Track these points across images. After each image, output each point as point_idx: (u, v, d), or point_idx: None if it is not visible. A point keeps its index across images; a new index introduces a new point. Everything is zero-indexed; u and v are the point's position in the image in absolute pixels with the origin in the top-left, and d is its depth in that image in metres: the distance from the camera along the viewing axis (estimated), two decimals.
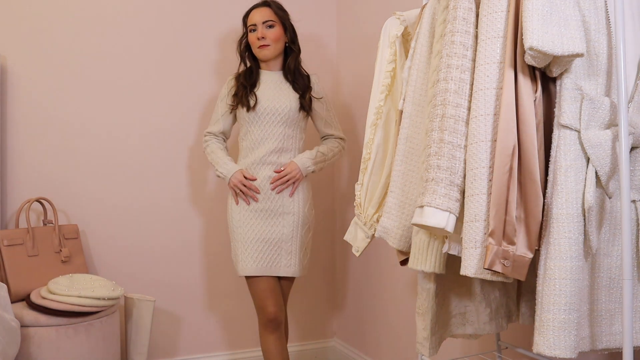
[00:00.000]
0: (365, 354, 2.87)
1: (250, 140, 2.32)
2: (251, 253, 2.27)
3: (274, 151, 2.30)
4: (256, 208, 2.29)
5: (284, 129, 2.31)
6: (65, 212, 2.63)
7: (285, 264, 2.30)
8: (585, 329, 1.28)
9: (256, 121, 2.30)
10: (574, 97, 1.26)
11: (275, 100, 2.30)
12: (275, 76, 2.38)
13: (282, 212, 2.31)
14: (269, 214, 2.29)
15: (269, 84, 2.35)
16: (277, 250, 2.29)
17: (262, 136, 2.30)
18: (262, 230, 2.29)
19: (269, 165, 2.30)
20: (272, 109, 2.29)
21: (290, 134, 2.33)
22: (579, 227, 1.22)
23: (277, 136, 2.30)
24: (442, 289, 1.60)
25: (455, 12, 1.33)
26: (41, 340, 2.13)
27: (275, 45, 2.33)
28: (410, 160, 1.56)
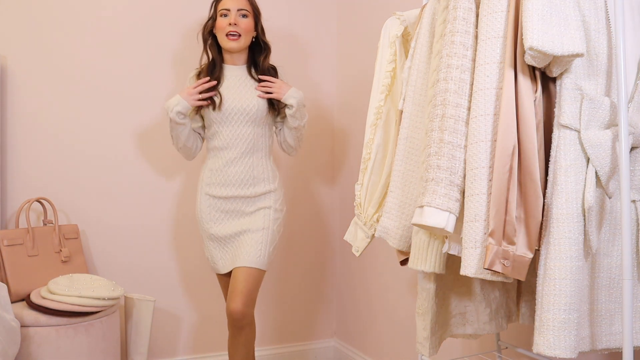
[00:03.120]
0: (365, 354, 2.87)
1: (219, 140, 2.23)
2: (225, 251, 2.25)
3: (245, 152, 2.22)
4: (226, 209, 2.24)
5: (253, 129, 2.22)
6: (65, 212, 2.63)
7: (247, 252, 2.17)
8: (585, 329, 1.28)
9: (224, 121, 2.21)
10: (574, 97, 1.26)
11: (243, 100, 2.21)
12: (239, 71, 2.27)
13: (252, 210, 2.24)
14: (240, 214, 2.24)
15: (234, 80, 2.24)
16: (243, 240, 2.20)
17: (232, 137, 2.21)
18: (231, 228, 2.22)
19: (241, 167, 2.22)
20: (240, 109, 2.19)
21: (261, 133, 2.25)
22: (579, 227, 1.22)
23: (248, 136, 2.22)
24: (442, 289, 1.60)
25: (455, 12, 1.33)
26: (41, 340, 2.13)
27: (245, 37, 2.22)
28: (410, 160, 1.56)
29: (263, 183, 2.25)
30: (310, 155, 3.10)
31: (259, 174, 2.25)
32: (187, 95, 2.17)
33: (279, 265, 3.02)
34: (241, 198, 2.23)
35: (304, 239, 3.09)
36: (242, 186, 2.23)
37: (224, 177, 2.23)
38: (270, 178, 2.28)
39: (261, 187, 2.25)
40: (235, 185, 2.22)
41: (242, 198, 2.23)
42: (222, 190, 2.24)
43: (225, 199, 2.24)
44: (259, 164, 2.25)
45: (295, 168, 3.06)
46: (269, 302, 3.00)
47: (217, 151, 2.24)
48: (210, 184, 2.25)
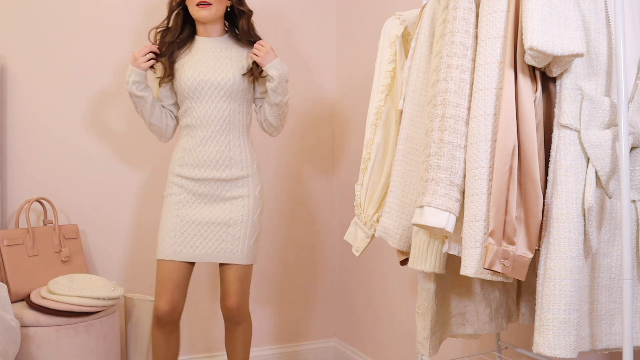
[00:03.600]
0: (365, 354, 2.87)
1: (192, 118, 2.07)
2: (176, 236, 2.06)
3: (221, 130, 2.07)
4: (200, 192, 2.08)
5: (229, 105, 2.07)
6: (65, 212, 2.63)
7: (231, 250, 2.08)
8: (585, 329, 1.28)
9: (197, 96, 2.05)
10: (574, 97, 1.26)
11: (217, 73, 2.06)
12: (214, 43, 2.12)
13: (229, 197, 2.09)
14: (214, 199, 2.08)
15: (208, 52, 2.10)
16: (220, 235, 2.08)
17: (206, 113, 2.06)
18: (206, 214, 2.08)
19: (216, 146, 2.07)
20: (214, 83, 2.04)
21: (237, 110, 2.10)
22: (579, 227, 1.22)
23: (223, 113, 2.06)
24: (442, 289, 1.60)
25: (455, 12, 1.33)
26: (41, 340, 2.13)
27: (217, 5, 2.06)
28: (410, 160, 1.56)
29: (240, 165, 2.11)
30: (310, 154, 3.10)
31: (236, 154, 2.10)
32: (134, 61, 2.03)
33: (279, 265, 3.02)
34: (216, 181, 2.08)
35: (304, 238, 3.09)
36: (218, 168, 2.08)
37: (198, 157, 2.08)
38: (248, 160, 2.13)
39: (238, 169, 2.10)
40: (210, 166, 2.07)
41: (218, 181, 2.08)
42: (195, 172, 2.08)
43: (199, 181, 2.08)
44: (236, 144, 2.10)
45: (295, 167, 3.06)
46: (269, 302, 3.00)
47: (190, 129, 2.09)
48: (183, 164, 2.10)
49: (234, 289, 2.09)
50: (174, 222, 2.07)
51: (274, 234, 3.00)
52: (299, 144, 3.07)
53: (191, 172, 2.09)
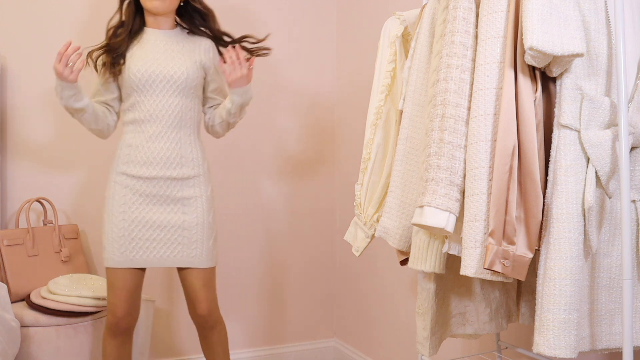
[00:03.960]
0: (365, 354, 2.87)
1: (140, 112, 1.94)
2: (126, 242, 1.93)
3: (171, 126, 1.95)
4: (147, 193, 1.94)
5: (181, 100, 1.96)
6: (65, 212, 2.63)
7: (189, 253, 1.96)
8: (585, 329, 1.28)
9: (147, 90, 1.93)
10: (574, 97, 1.26)
11: (169, 66, 1.95)
12: (166, 36, 2.01)
13: (180, 197, 1.96)
14: (163, 199, 1.95)
15: (159, 44, 1.98)
16: (175, 238, 1.96)
17: (156, 108, 1.94)
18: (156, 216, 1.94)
19: (166, 143, 1.95)
20: (166, 76, 1.94)
21: (189, 106, 1.98)
22: (579, 227, 1.22)
23: (175, 108, 1.95)
24: (442, 289, 1.60)
25: (455, 12, 1.33)
26: (41, 340, 2.13)
27: None
28: (410, 160, 1.56)
29: (192, 164, 1.99)
30: (310, 154, 3.10)
31: (187, 152, 1.98)
32: (59, 75, 1.85)
33: (279, 264, 3.02)
34: (166, 180, 1.94)
35: (304, 239, 3.09)
36: (168, 166, 1.95)
37: (147, 155, 1.94)
38: (199, 159, 2.02)
39: (189, 168, 1.98)
40: (160, 164, 1.94)
41: (168, 180, 1.95)
42: (143, 170, 1.94)
43: (147, 179, 1.94)
44: (187, 142, 1.99)
45: (295, 167, 3.06)
46: (269, 302, 3.00)
47: (138, 125, 1.95)
48: (129, 162, 1.95)
49: (203, 296, 1.99)
50: (122, 226, 1.93)
51: (274, 234, 3.00)
52: (298, 144, 3.07)
53: (139, 171, 1.94)
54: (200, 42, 2.06)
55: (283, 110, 3.02)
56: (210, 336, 2.04)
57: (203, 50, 2.05)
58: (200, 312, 2.00)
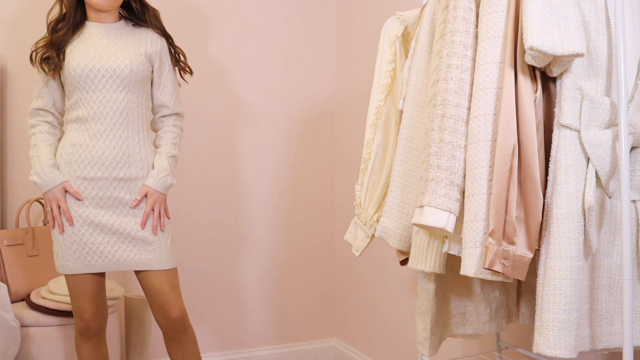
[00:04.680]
0: (365, 354, 2.87)
1: (84, 109, 1.83)
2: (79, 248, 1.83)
3: (117, 124, 1.84)
4: (94, 195, 1.82)
5: (126, 95, 1.85)
6: None
7: (146, 257, 1.85)
8: (585, 329, 1.28)
9: (89, 86, 1.82)
10: (574, 97, 1.26)
11: (112, 59, 1.84)
12: (108, 29, 1.90)
13: (129, 199, 1.85)
14: (111, 202, 1.84)
15: (101, 39, 1.87)
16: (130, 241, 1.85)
17: (100, 105, 1.83)
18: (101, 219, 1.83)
19: (112, 141, 1.84)
20: (109, 70, 1.82)
21: (136, 102, 1.87)
22: (579, 227, 1.22)
23: (120, 104, 1.84)
24: (442, 289, 1.60)
25: (455, 12, 1.33)
26: (41, 340, 2.13)
27: None
28: (410, 160, 1.56)
29: (140, 164, 1.88)
30: (310, 154, 3.10)
31: (135, 151, 1.87)
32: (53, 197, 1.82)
33: (279, 264, 3.02)
34: (112, 181, 1.84)
35: (304, 239, 3.09)
36: (115, 166, 1.84)
37: (91, 154, 1.83)
38: (148, 159, 1.90)
39: (137, 168, 1.87)
40: (106, 164, 1.83)
41: (115, 181, 1.84)
42: (87, 170, 1.83)
43: (92, 180, 1.83)
44: (135, 140, 1.88)
45: (295, 167, 3.06)
46: (269, 302, 3.00)
47: (82, 123, 1.84)
48: (72, 162, 1.83)
49: (174, 297, 1.88)
50: (71, 231, 1.83)
51: (274, 234, 3.00)
52: (298, 144, 3.07)
53: (83, 171, 1.83)
54: (146, 34, 1.94)
55: (283, 110, 3.02)
56: (182, 340, 1.92)
57: (150, 42, 1.93)
58: (173, 315, 1.87)
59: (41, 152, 1.84)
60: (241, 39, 2.93)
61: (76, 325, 1.91)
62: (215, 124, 2.87)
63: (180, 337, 1.91)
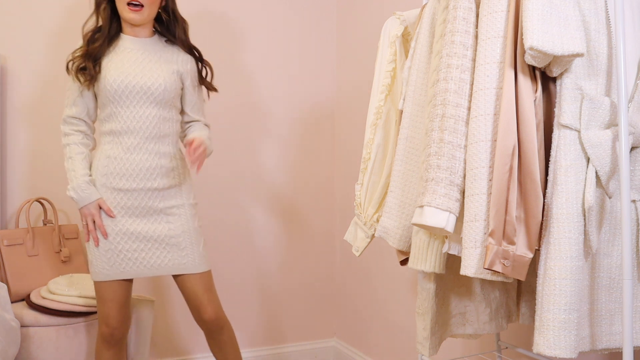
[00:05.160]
0: (365, 354, 2.87)
1: (117, 123, 1.90)
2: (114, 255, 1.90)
3: (150, 137, 1.91)
4: (129, 205, 1.90)
5: (159, 111, 1.92)
6: (65, 212, 2.63)
7: (180, 261, 1.95)
8: (586, 329, 1.28)
9: (123, 101, 1.88)
10: (574, 97, 1.26)
11: (146, 77, 1.90)
12: (143, 44, 1.96)
13: (163, 207, 1.94)
14: (146, 211, 1.92)
15: (136, 53, 1.93)
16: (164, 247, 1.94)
17: (134, 119, 1.90)
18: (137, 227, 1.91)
19: (145, 154, 1.91)
20: (143, 87, 1.89)
21: (167, 117, 1.95)
22: (579, 227, 1.22)
23: (153, 119, 1.91)
24: (442, 289, 1.60)
25: (455, 12, 1.33)
26: (41, 340, 2.13)
27: (149, 7, 1.90)
28: (410, 160, 1.56)
29: (172, 174, 1.96)
30: (310, 155, 3.10)
31: (167, 162, 1.95)
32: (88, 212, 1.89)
33: (278, 265, 3.02)
34: (148, 191, 1.92)
35: (304, 238, 3.09)
36: (149, 177, 1.92)
37: (125, 167, 1.90)
38: (179, 168, 2.00)
39: (170, 178, 1.96)
40: (140, 176, 1.91)
41: (150, 191, 1.92)
42: (123, 182, 1.90)
43: (128, 192, 1.90)
44: (166, 152, 1.96)
45: (295, 167, 3.06)
46: (269, 302, 3.00)
47: (116, 136, 1.91)
48: (108, 174, 1.90)
49: (208, 299, 1.98)
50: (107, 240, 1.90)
51: (275, 234, 3.00)
52: (299, 144, 3.07)
53: (118, 183, 1.90)
54: (178, 52, 2.02)
55: (283, 110, 3.02)
56: (219, 338, 2.04)
57: (181, 61, 2.01)
58: (207, 317, 1.98)
59: (77, 167, 1.90)
60: (241, 39, 2.93)
61: (100, 332, 1.95)
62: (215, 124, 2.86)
63: (216, 336, 2.03)
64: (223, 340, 2.04)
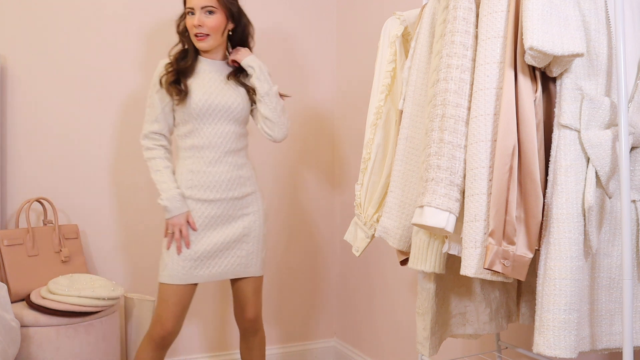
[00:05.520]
0: (365, 354, 2.87)
1: (199, 139, 2.05)
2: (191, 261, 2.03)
3: (228, 152, 2.08)
4: (212, 215, 2.06)
5: (236, 127, 2.10)
6: (65, 212, 2.63)
7: (246, 264, 2.12)
8: (586, 329, 1.28)
9: (205, 118, 2.04)
10: (574, 97, 1.26)
11: (227, 97, 2.07)
12: (219, 66, 2.13)
13: (241, 214, 2.12)
14: (227, 219, 2.08)
15: (213, 74, 2.10)
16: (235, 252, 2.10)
17: (214, 135, 2.06)
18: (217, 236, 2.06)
19: (225, 166, 2.08)
20: (224, 106, 2.06)
21: (241, 132, 2.13)
22: (579, 227, 1.22)
23: (231, 135, 2.09)
24: (442, 289, 1.60)
25: (455, 12, 1.33)
26: (41, 340, 2.13)
27: (215, 35, 2.05)
28: (410, 160, 1.56)
29: (248, 182, 2.14)
30: (310, 155, 3.10)
31: (243, 172, 2.13)
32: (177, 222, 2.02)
33: (279, 265, 3.02)
34: (229, 200, 2.09)
35: (304, 239, 3.09)
36: (230, 187, 2.09)
37: (208, 179, 2.06)
38: (253, 177, 2.18)
39: (247, 187, 2.13)
40: (222, 186, 2.07)
41: (231, 200, 2.09)
42: (207, 193, 2.06)
43: (212, 202, 2.06)
44: (242, 163, 2.13)
45: (295, 168, 3.06)
46: (270, 302, 3.00)
47: (197, 150, 2.06)
48: (192, 187, 2.05)
49: (252, 301, 2.16)
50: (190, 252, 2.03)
51: (275, 235, 3.00)
52: (299, 144, 3.07)
53: (203, 194, 2.06)
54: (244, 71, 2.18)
55: None
56: (252, 341, 2.21)
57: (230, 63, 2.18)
58: (248, 316, 2.16)
59: (167, 179, 2.06)
60: None
61: (151, 334, 2.03)
62: None
63: (250, 337, 2.21)
64: (255, 343, 2.21)
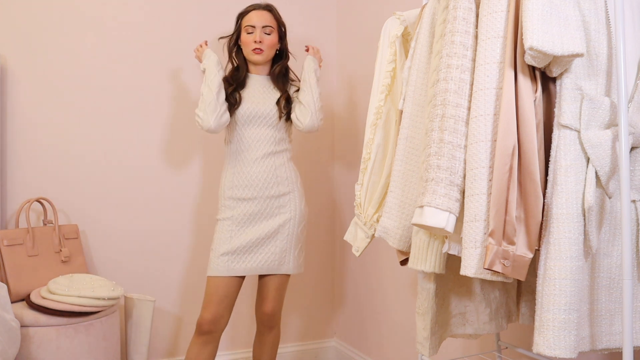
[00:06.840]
0: (365, 354, 2.87)
1: (242, 143, 2.30)
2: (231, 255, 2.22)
3: (267, 153, 2.30)
4: (251, 212, 2.26)
5: (273, 132, 2.31)
6: (65, 212, 2.63)
7: (279, 261, 2.27)
8: (585, 329, 1.28)
9: (247, 123, 2.30)
10: (574, 97, 1.26)
11: (264, 106, 2.31)
12: (262, 80, 2.39)
13: (277, 212, 2.29)
14: (264, 215, 2.27)
15: (257, 87, 2.36)
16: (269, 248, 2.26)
17: (254, 138, 2.30)
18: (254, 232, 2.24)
19: (263, 167, 2.29)
20: (262, 113, 2.30)
21: (280, 137, 2.34)
22: (579, 227, 1.22)
23: (269, 139, 2.31)
24: (442, 289, 1.60)
25: (455, 12, 1.33)
26: (41, 340, 2.13)
27: (269, 51, 2.35)
28: (410, 160, 1.56)
29: (287, 182, 2.31)
30: (310, 155, 3.10)
31: (282, 172, 2.31)
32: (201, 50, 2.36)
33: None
34: (267, 198, 2.27)
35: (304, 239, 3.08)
36: (267, 186, 2.27)
37: (248, 178, 2.27)
38: (292, 178, 2.34)
39: (284, 186, 2.30)
40: (259, 185, 2.26)
41: (268, 198, 2.27)
42: (246, 191, 2.26)
43: (250, 200, 2.26)
44: (280, 164, 2.32)
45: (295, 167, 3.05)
46: None
47: (239, 154, 2.31)
48: (233, 187, 2.28)
49: (272, 296, 2.29)
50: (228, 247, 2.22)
51: None
52: (298, 144, 3.07)
53: (242, 193, 2.26)
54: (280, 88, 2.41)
55: None
56: (266, 335, 2.35)
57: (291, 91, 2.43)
58: (266, 310, 2.30)
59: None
60: None
61: (198, 321, 2.21)
62: None
63: (265, 332, 2.34)
64: (268, 339, 2.35)
